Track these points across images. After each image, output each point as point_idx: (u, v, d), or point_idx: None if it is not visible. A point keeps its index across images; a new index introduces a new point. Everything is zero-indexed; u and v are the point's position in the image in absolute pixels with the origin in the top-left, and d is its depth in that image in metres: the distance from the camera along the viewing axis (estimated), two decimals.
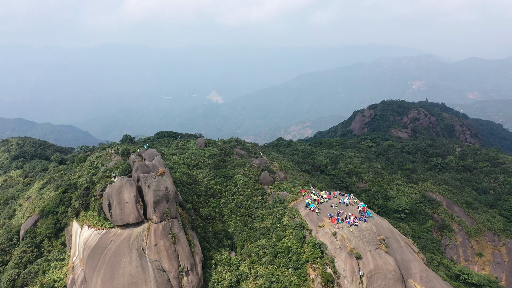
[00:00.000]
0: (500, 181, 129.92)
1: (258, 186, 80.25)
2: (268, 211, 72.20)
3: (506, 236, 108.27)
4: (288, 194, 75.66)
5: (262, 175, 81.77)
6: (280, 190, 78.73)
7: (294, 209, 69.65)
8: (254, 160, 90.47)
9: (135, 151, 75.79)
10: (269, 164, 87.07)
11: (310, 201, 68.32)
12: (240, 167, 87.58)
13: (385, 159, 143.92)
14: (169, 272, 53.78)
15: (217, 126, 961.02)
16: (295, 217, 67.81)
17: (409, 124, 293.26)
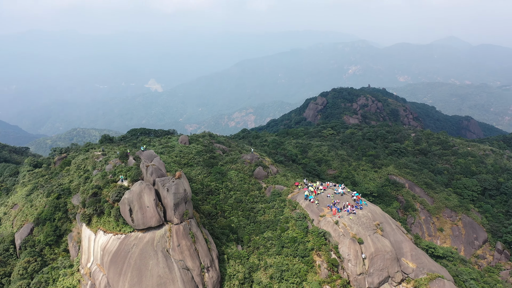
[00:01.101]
0: (451, 162, 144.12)
1: (253, 181, 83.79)
2: (268, 204, 76.17)
3: (461, 212, 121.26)
4: (284, 187, 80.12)
5: (256, 170, 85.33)
6: (274, 183, 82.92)
7: (293, 201, 74.28)
8: (245, 155, 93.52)
9: (133, 153, 75.84)
10: (262, 159, 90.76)
11: (309, 193, 73.28)
12: (232, 163, 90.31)
13: (350, 147, 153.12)
14: (193, 270, 56.21)
15: (158, 115, 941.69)
16: (296, 209, 72.47)
17: (359, 110, 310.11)
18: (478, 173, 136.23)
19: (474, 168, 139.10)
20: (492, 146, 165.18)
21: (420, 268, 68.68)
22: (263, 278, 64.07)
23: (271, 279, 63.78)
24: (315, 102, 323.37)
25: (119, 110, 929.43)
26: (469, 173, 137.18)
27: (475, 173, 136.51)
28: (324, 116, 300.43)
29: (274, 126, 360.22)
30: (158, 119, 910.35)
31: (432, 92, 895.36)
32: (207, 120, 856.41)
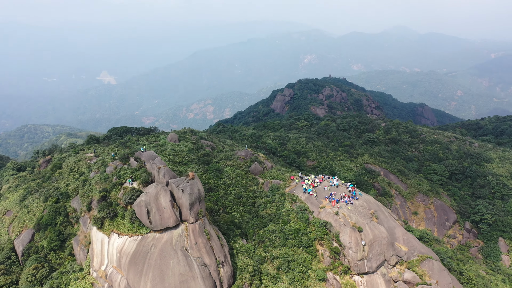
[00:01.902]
0: (420, 150, 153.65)
1: (251, 177, 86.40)
2: (268, 199, 79.25)
3: (433, 196, 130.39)
4: (280, 182, 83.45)
5: (253, 166, 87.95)
6: (271, 178, 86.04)
7: (292, 194, 77.87)
8: (238, 152, 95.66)
9: (133, 154, 76.15)
10: (256, 155, 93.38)
11: (307, 187, 77.14)
12: (227, 159, 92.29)
13: (326, 138, 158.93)
14: (210, 266, 58.51)
15: (112, 108, 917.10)
16: (296, 202, 76.12)
17: (325, 101, 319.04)
18: (445, 159, 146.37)
19: (441, 154, 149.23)
20: (455, 133, 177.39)
21: (412, 251, 74.76)
22: (271, 269, 67.46)
23: (278, 270, 67.31)
24: (283, 93, 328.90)
25: (70, 104, 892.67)
26: (437, 159, 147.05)
27: (442, 159, 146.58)
28: (292, 107, 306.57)
29: (242, 118, 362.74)
30: (113, 113, 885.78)
31: (385, 79, 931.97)
32: (164, 112, 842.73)
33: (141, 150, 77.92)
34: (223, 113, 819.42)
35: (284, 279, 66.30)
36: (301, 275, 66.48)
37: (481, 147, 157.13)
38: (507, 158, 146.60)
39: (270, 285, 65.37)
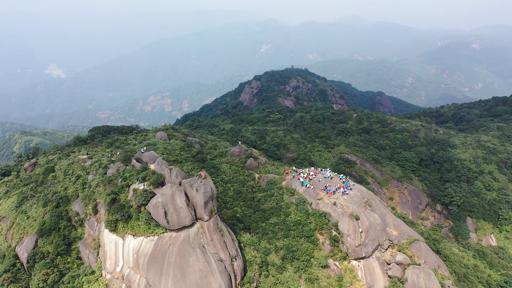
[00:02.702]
0: (391, 138, 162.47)
1: (247, 173, 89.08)
2: (266, 193, 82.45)
3: (406, 181, 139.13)
4: (276, 176, 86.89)
5: (248, 161, 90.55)
6: (266, 173, 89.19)
7: (290, 188, 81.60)
8: (232, 148, 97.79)
9: (133, 155, 76.63)
10: (251, 151, 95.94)
11: (304, 180, 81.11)
12: (221, 156, 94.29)
13: (302, 130, 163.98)
14: (225, 261, 61.18)
15: (64, 103, 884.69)
16: (294, 195, 79.94)
17: (292, 92, 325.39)
18: (414, 146, 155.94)
19: (410, 142, 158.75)
20: (421, 121, 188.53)
21: (401, 234, 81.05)
22: (276, 260, 71.11)
23: (283, 260, 71.09)
24: (250, 86, 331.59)
25: (17, 99, 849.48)
26: (407, 147, 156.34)
27: (412, 147, 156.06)
28: (260, 99, 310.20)
29: (209, 111, 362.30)
30: (64, 107, 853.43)
31: (340, 68, 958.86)
32: (120, 105, 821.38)
33: (141, 151, 78.47)
34: (181, 105, 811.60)
35: (289, 268, 70.21)
36: (305, 263, 70.63)
37: (445, 134, 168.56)
38: (469, 143, 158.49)
39: (276, 274, 68.99)
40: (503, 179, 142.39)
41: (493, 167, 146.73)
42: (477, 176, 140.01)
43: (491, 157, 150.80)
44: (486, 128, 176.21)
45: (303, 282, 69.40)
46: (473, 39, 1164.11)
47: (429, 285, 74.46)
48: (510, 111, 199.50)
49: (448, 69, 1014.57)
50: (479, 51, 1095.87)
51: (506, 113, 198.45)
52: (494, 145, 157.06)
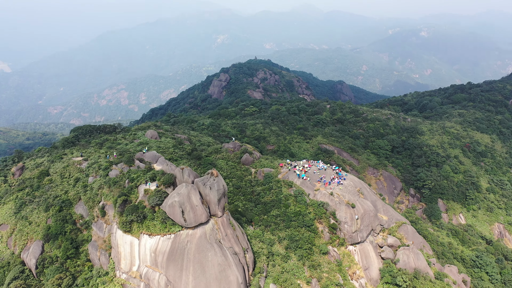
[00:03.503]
0: (364, 128, 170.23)
1: (244, 168, 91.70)
2: (265, 186, 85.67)
3: (381, 168, 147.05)
4: (271, 169, 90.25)
5: (244, 157, 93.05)
6: (262, 167, 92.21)
7: (287, 181, 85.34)
8: (226, 144, 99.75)
9: (133, 156, 77.26)
10: (245, 147, 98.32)
11: (300, 172, 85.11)
12: (217, 153, 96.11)
13: (280, 122, 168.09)
14: (239, 254, 64.19)
15: (10, 99, 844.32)
16: (292, 187, 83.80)
17: (260, 84, 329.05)
18: (386, 135, 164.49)
19: (382, 130, 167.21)
20: (389, 110, 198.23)
21: (391, 219, 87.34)
22: (281, 249, 74.97)
23: (287, 249, 75.06)
24: (219, 79, 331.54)
25: None
26: (379, 135, 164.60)
27: (384, 135, 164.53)
28: (229, 91, 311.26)
29: (176, 105, 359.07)
30: (12, 104, 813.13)
31: (297, 57, 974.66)
32: (73, 100, 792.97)
33: (143, 152, 79.14)
34: (138, 98, 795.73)
35: (293, 257, 74.28)
36: (307, 251, 74.97)
37: (413, 121, 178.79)
38: (435, 130, 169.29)
39: (282, 263, 72.85)
40: (467, 162, 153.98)
41: (458, 151, 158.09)
42: (445, 160, 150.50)
43: (456, 142, 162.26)
44: (449, 115, 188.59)
45: (307, 269, 73.75)
46: (421, 27, 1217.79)
47: (418, 263, 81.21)
48: (468, 98, 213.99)
49: (399, 57, 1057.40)
50: (428, 39, 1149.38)
51: (465, 100, 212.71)
52: (457, 131, 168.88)
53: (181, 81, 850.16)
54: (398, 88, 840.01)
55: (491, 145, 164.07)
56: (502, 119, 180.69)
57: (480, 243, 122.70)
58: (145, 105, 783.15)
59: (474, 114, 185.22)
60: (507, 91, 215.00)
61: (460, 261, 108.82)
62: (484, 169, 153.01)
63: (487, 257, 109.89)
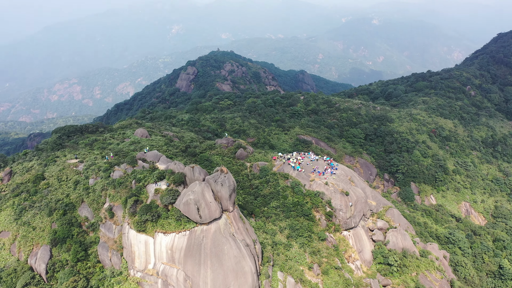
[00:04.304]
0: (338, 117, 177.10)
1: (240, 162, 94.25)
2: (262, 180, 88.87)
3: (356, 156, 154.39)
4: (266, 163, 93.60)
5: (238, 152, 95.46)
6: (256, 161, 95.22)
7: (283, 173, 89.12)
8: (220, 140, 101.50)
9: (135, 156, 78.05)
10: (239, 142, 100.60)
11: (295, 164, 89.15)
12: (211, 149, 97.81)
13: (257, 115, 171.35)
14: (250, 245, 67.51)
15: None
16: (288, 179, 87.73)
17: (228, 76, 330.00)
18: (358, 123, 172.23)
19: (355, 119, 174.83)
20: (359, 99, 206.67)
21: (379, 204, 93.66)
22: (283, 239, 79.04)
23: (288, 238, 79.25)
24: (186, 72, 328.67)
25: None
26: (352, 124, 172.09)
27: (357, 124, 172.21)
28: (198, 85, 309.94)
29: (142, 99, 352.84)
30: None
31: (254, 47, 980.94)
32: (21, 96, 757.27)
33: (144, 151, 79.94)
34: (92, 92, 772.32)
35: (295, 245, 78.64)
36: (307, 239, 79.59)
37: (382, 110, 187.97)
38: (403, 117, 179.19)
39: (285, 252, 77.04)
40: (434, 146, 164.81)
41: (425, 137, 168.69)
42: (414, 145, 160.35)
43: (423, 128, 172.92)
44: (414, 103, 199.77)
45: (308, 255, 78.42)
46: (373, 16, 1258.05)
47: (405, 243, 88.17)
48: (429, 86, 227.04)
49: (353, 45, 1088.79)
50: (379, 27, 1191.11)
51: (426, 88, 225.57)
52: (423, 117, 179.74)
53: (137, 74, 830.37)
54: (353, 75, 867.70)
55: (454, 129, 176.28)
56: (462, 105, 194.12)
57: (451, 221, 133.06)
58: (100, 100, 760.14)
59: (436, 101, 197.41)
60: (464, 78, 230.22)
61: (436, 239, 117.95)
62: (449, 152, 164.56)
63: (459, 234, 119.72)
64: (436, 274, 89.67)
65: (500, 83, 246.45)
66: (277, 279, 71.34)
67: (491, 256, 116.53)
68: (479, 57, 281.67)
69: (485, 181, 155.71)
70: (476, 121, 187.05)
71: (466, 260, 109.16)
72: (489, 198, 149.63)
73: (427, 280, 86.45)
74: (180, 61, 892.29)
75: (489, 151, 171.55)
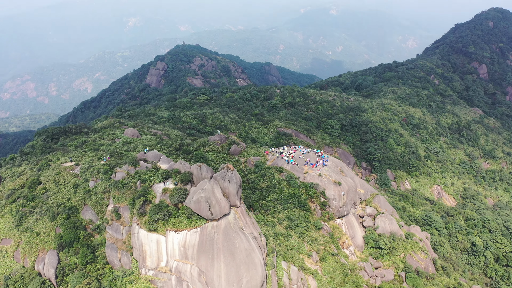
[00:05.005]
0: (314, 110, 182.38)
1: (235, 158, 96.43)
2: (257, 174, 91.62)
3: (335, 146, 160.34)
4: (259, 158, 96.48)
5: (232, 148, 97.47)
6: (249, 156, 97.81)
7: (277, 167, 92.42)
8: (212, 137, 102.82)
9: (135, 157, 78.82)
10: (232, 138, 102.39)
11: (288, 158, 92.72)
12: (204, 146, 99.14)
13: (237, 110, 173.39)
14: (257, 238, 70.66)
15: None
16: (283, 172, 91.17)
17: (198, 71, 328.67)
18: (334, 115, 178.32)
19: (331, 111, 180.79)
20: (333, 91, 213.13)
21: (366, 191, 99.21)
22: (282, 230, 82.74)
23: (287, 229, 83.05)
24: (156, 67, 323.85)
25: None
26: (328, 115, 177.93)
27: (333, 115, 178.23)
28: (168, 80, 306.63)
29: (110, 96, 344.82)
30: None
31: (215, 39, 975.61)
32: None
33: (144, 152, 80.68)
34: (47, 89, 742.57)
35: (294, 235, 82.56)
36: (305, 228, 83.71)
37: (355, 101, 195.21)
38: (375, 107, 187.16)
39: (285, 242, 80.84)
40: (406, 134, 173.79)
41: (397, 125, 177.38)
42: (388, 134, 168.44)
43: (394, 117, 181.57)
44: (384, 93, 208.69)
45: (306, 244, 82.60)
46: (330, 6, 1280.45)
47: (392, 227, 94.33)
48: (397, 76, 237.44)
49: (312, 35, 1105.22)
50: (337, 17, 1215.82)
51: (394, 78, 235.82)
52: (394, 107, 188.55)
53: (94, 69, 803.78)
54: (314, 65, 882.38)
55: (423, 117, 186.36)
56: (428, 94, 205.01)
57: (426, 204, 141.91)
58: (57, 97, 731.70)
59: (405, 91, 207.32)
60: (428, 68, 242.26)
61: (414, 221, 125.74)
62: (420, 139, 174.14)
63: (434, 215, 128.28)
64: (421, 254, 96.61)
65: (460, 72, 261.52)
66: (282, 268, 74.90)
67: (464, 234, 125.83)
68: (439, 47, 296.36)
69: (453, 165, 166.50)
70: (442, 108, 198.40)
71: (444, 240, 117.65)
72: (458, 180, 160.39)
73: (413, 260, 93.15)
74: (140, 55, 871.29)
75: (455, 137, 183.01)
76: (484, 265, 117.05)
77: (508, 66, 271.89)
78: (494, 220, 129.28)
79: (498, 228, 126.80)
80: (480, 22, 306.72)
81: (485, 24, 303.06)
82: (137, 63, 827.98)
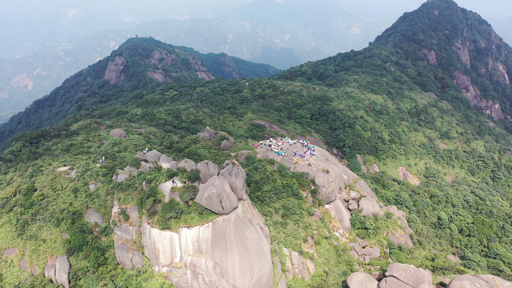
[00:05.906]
0: (284, 100, 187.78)
1: (226, 153, 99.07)
2: (250, 167, 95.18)
3: (307, 135, 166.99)
4: (249, 151, 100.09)
5: (223, 143, 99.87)
6: (239, 150, 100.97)
7: (268, 159, 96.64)
8: (201, 134, 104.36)
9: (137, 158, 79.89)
10: (222, 134, 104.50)
11: (278, 150, 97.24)
12: (195, 143, 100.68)
13: (209, 104, 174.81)
14: (263, 228, 75.06)
15: None
16: (274, 164, 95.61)
17: (159, 65, 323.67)
18: (303, 104, 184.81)
19: (299, 101, 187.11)
20: (299, 81, 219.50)
21: (349, 177, 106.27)
22: (279, 218, 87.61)
23: (283, 218, 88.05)
24: (115, 63, 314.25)
25: None
26: (298, 106, 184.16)
27: (302, 105, 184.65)
28: (128, 75, 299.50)
29: (66, 94, 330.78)
30: None
31: (162, 30, 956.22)
32: None
33: (144, 152, 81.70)
34: None
35: (290, 223, 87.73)
36: (299, 216, 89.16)
37: (321, 90, 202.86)
38: (340, 96, 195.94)
39: (283, 230, 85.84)
40: (371, 120, 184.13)
41: (362, 112, 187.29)
42: (354, 121, 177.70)
43: (358, 104, 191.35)
44: (347, 81, 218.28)
45: (302, 230, 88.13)
46: None
47: (374, 209, 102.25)
48: (356, 65, 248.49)
49: (260, 24, 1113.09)
50: (283, 5, 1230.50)
51: (354, 67, 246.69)
52: (357, 95, 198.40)
53: (34, 64, 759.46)
54: (264, 54, 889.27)
55: (384, 104, 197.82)
56: (387, 81, 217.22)
57: (394, 184, 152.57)
58: None
59: (365, 79, 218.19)
60: (383, 56, 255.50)
61: (386, 201, 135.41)
62: (383, 124, 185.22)
63: (403, 195, 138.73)
64: (400, 231, 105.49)
65: (412, 58, 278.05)
66: (284, 254, 79.87)
67: (430, 210, 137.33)
68: (391, 36, 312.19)
69: (415, 147, 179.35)
70: (401, 94, 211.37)
71: (415, 216, 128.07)
72: (420, 161, 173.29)
73: (395, 237, 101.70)
74: (83, 48, 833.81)
75: (414, 120, 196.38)
76: (450, 237, 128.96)
77: (454, 52, 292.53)
78: (455, 195, 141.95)
79: (459, 202, 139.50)
80: (427, 10, 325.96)
81: (432, 12, 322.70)
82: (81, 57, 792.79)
